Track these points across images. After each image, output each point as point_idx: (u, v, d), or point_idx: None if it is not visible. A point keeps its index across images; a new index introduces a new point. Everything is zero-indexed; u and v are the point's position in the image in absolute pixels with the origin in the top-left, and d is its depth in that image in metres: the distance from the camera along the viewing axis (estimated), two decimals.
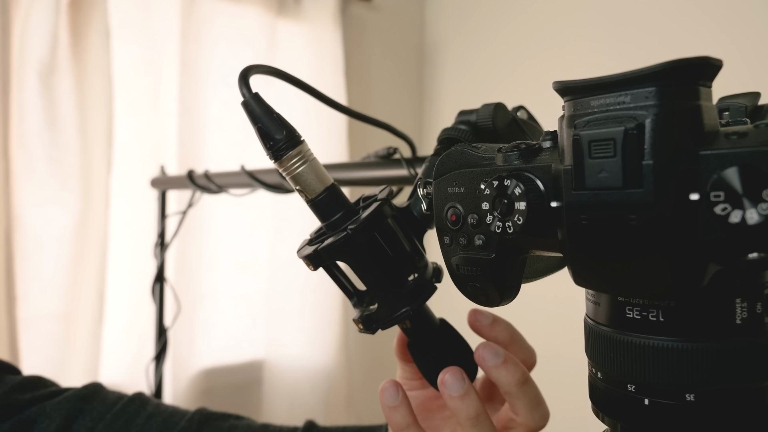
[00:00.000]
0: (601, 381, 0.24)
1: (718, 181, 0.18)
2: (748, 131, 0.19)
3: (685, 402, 0.21)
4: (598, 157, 0.20)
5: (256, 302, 1.51)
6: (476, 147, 0.27)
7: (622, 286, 0.21)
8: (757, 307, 0.21)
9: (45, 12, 1.13)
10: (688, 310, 0.21)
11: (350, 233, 0.31)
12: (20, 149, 1.13)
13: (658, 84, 0.19)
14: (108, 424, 0.45)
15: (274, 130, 0.31)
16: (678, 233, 0.19)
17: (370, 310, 0.33)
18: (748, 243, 0.18)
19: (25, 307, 1.14)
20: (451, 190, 0.27)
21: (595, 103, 0.20)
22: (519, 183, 0.23)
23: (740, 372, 0.21)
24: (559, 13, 1.47)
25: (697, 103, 0.19)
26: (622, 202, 0.19)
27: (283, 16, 1.49)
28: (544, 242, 0.24)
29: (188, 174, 0.81)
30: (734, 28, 1.11)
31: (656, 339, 0.22)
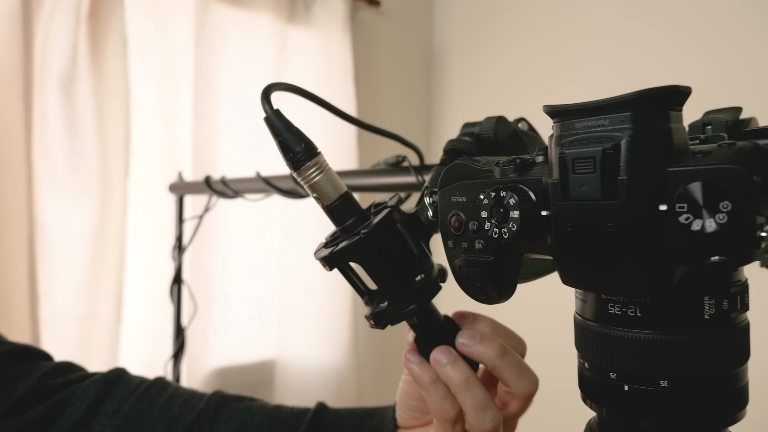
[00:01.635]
0: (588, 370, 0.27)
1: (682, 193, 0.21)
2: (711, 150, 0.22)
3: (660, 388, 0.24)
4: (581, 173, 0.23)
5: (268, 303, 1.55)
6: (477, 161, 0.30)
7: (603, 286, 0.24)
8: (724, 303, 0.24)
9: (65, 23, 1.17)
10: (661, 307, 0.24)
11: (363, 237, 0.34)
12: (42, 155, 1.17)
13: (632, 109, 0.22)
14: (132, 405, 0.49)
15: (294, 143, 0.35)
16: (649, 239, 0.22)
17: (381, 308, 0.36)
18: (708, 248, 0.21)
19: (47, 308, 1.18)
20: (455, 199, 0.30)
21: (578, 125, 0.23)
22: (513, 194, 0.26)
23: (708, 361, 0.24)
24: (567, 19, 1.49)
25: (668, 126, 0.22)
26: (601, 212, 0.22)
27: (294, 23, 1.52)
28: (536, 246, 0.27)
29: (205, 180, 0.84)
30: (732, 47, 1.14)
31: (634, 332, 0.24)
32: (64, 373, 0.51)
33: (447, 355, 0.35)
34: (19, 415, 0.47)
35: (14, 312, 1.11)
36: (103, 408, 0.49)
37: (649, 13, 1.29)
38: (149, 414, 0.49)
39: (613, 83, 1.37)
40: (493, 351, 0.34)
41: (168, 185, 1.11)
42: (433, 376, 0.36)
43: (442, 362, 0.35)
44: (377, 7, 1.68)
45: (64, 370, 0.52)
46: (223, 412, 0.49)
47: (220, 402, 0.50)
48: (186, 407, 0.50)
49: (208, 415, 0.49)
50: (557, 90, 1.50)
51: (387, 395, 1.78)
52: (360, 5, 1.65)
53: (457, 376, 0.34)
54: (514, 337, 0.39)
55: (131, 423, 0.49)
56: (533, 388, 0.36)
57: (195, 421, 0.49)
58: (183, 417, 0.49)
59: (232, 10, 1.43)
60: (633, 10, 1.33)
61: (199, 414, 0.49)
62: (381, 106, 1.77)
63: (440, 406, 0.35)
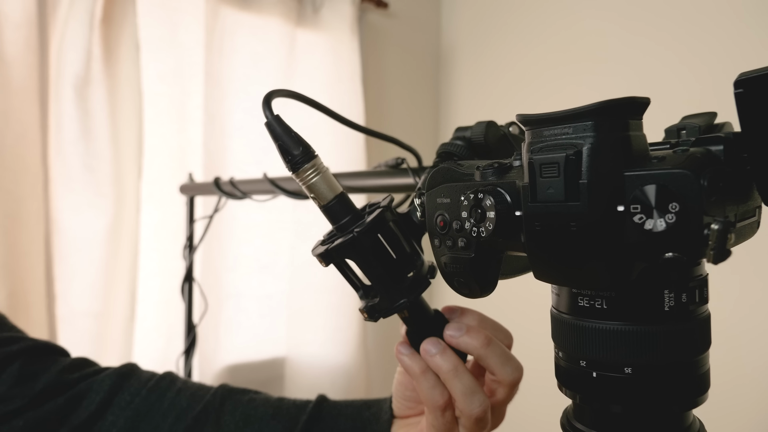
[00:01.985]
0: (562, 359, 0.29)
1: (636, 195, 0.23)
2: (666, 156, 0.24)
3: (625, 374, 0.26)
4: (547, 177, 0.25)
5: (278, 302, 1.58)
6: (461, 164, 0.33)
7: (570, 280, 0.26)
8: (683, 297, 0.26)
9: (80, 29, 1.21)
10: (625, 299, 0.26)
11: (356, 235, 0.36)
12: (57, 157, 1.21)
13: (593, 119, 0.24)
14: (144, 397, 0.52)
15: (292, 146, 0.37)
16: (609, 237, 0.24)
17: (374, 302, 0.38)
18: (660, 246, 0.23)
19: (63, 306, 1.22)
20: (440, 200, 0.32)
21: (546, 133, 0.25)
22: (490, 196, 0.28)
23: (669, 350, 0.26)
24: (572, 21, 1.51)
25: (627, 134, 0.24)
26: (565, 212, 0.24)
27: (303, 25, 1.55)
28: (513, 244, 0.29)
29: (215, 181, 0.87)
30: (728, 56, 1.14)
31: (601, 323, 0.27)
32: (81, 368, 0.55)
33: (436, 346, 0.37)
34: (40, 407, 0.50)
35: (32, 309, 1.15)
36: (117, 400, 0.52)
37: (653, 17, 1.30)
38: (159, 405, 0.52)
39: (617, 85, 1.38)
40: (479, 341, 0.37)
41: (179, 186, 1.14)
42: (423, 366, 0.38)
43: (431, 352, 0.37)
44: (385, 9, 1.71)
45: (81, 365, 0.55)
46: (228, 404, 0.52)
47: (226, 394, 0.53)
48: (194, 399, 0.52)
49: (214, 407, 0.52)
50: (562, 91, 1.51)
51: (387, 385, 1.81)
52: (368, 7, 1.67)
53: (445, 365, 0.37)
54: (500, 329, 0.41)
55: (142, 414, 0.52)
56: (518, 376, 0.38)
57: (203, 412, 0.51)
58: (191, 408, 0.52)
59: (242, 14, 1.46)
60: (637, 14, 1.34)
61: (206, 405, 0.52)
62: (389, 108, 1.79)
63: (430, 395, 0.37)
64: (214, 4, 1.37)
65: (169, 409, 0.52)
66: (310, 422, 0.50)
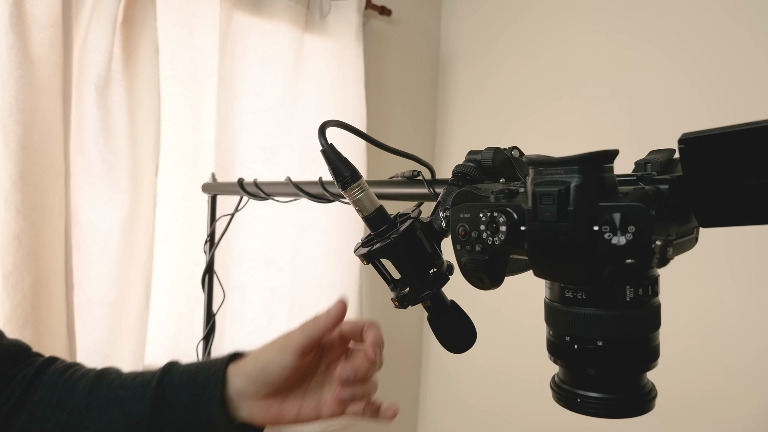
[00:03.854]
0: (552, 336, 0.40)
1: (606, 219, 0.34)
2: (629, 192, 0.35)
3: (597, 346, 0.37)
4: (545, 204, 0.35)
5: (281, 295, 1.68)
6: (478, 188, 0.43)
7: (560, 277, 0.37)
8: (639, 291, 0.37)
9: (102, 31, 1.29)
10: (598, 292, 0.37)
11: (392, 241, 0.47)
12: (78, 154, 1.30)
13: (579, 164, 0.35)
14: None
15: (343, 169, 0.47)
16: (586, 247, 0.35)
17: (403, 293, 0.49)
18: (622, 254, 0.34)
19: (80, 295, 1.31)
20: (462, 215, 0.43)
21: (545, 172, 0.36)
22: (502, 215, 0.39)
23: (629, 328, 0.37)
24: (569, 33, 1.62)
25: (602, 175, 0.35)
26: (557, 230, 0.35)
27: (310, 31, 1.65)
28: (518, 250, 0.40)
29: (239, 181, 0.97)
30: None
31: (581, 309, 0.37)
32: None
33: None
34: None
35: (53, 297, 1.24)
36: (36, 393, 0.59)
37: (645, 31, 1.42)
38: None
39: (610, 95, 1.49)
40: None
41: (201, 185, 1.24)
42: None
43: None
44: (388, 16, 1.81)
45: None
46: (95, 392, 0.59)
47: (96, 380, 0.59)
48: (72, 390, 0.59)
49: (85, 394, 0.58)
50: (556, 100, 1.63)
51: (386, 382, 1.92)
52: (372, 14, 1.77)
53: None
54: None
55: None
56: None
57: (75, 403, 0.58)
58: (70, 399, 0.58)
59: (253, 19, 1.55)
60: (630, 28, 1.45)
61: (78, 395, 0.58)
62: (390, 110, 1.90)
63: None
64: (228, 9, 1.46)
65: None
66: (157, 401, 0.56)
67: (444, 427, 2.00)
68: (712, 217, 0.35)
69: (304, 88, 1.64)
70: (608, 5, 1.51)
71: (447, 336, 0.50)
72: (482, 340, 0.55)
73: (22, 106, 1.16)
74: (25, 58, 1.17)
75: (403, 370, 2.02)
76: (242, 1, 1.52)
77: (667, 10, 1.38)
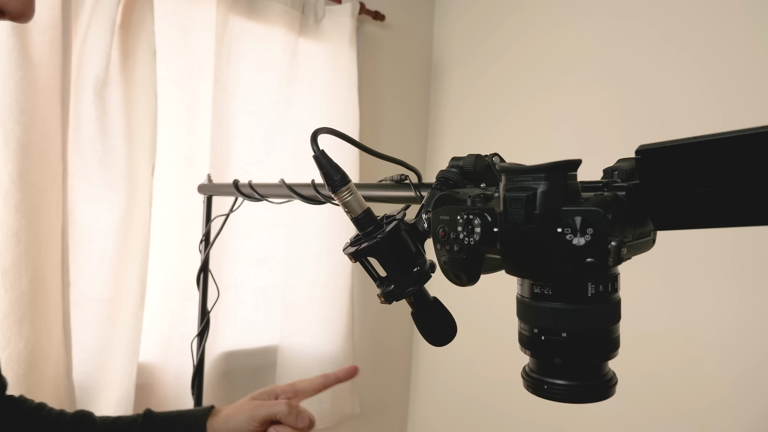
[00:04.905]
0: (522, 329, 0.44)
1: (568, 222, 0.38)
2: (589, 197, 0.39)
3: (562, 337, 0.41)
4: (514, 208, 0.39)
5: (273, 294, 1.71)
6: (457, 192, 0.47)
7: (529, 275, 0.41)
8: (600, 287, 0.41)
9: (100, 34, 1.32)
10: (563, 288, 0.41)
11: (379, 240, 0.51)
12: (76, 154, 1.33)
13: (545, 173, 0.39)
14: None
15: (333, 174, 0.51)
16: (551, 248, 0.39)
17: (389, 289, 0.53)
18: (582, 254, 0.38)
19: (76, 292, 1.34)
20: (442, 217, 0.47)
21: (515, 179, 0.40)
22: (477, 217, 0.43)
23: (590, 321, 0.41)
24: (558, 36, 1.66)
25: (565, 183, 0.39)
26: (525, 231, 0.39)
27: (305, 35, 1.69)
28: (492, 250, 0.43)
29: (234, 183, 1.01)
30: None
31: (548, 303, 0.41)
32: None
33: None
34: None
35: (50, 294, 1.27)
36: None
37: (633, 38, 1.47)
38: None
39: (598, 101, 1.54)
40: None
41: (197, 186, 1.28)
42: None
43: None
44: (382, 21, 1.85)
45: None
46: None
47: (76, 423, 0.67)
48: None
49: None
50: (543, 103, 1.67)
51: (378, 379, 1.96)
52: (365, 19, 1.81)
53: None
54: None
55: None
56: None
57: None
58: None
59: (249, 23, 1.59)
60: (621, 33, 1.50)
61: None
62: (383, 113, 1.94)
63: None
64: (224, 13, 1.50)
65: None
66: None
67: (433, 424, 2.04)
68: (665, 221, 0.39)
69: (298, 91, 1.67)
70: (596, 13, 1.55)
71: (429, 330, 0.54)
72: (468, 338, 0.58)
73: (22, 106, 1.19)
74: (25, 59, 1.20)
75: (393, 368, 2.06)
76: (238, 5, 1.56)
77: (654, 18, 1.42)
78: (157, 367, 1.47)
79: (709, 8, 1.31)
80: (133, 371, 1.34)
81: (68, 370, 1.31)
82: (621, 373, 0.46)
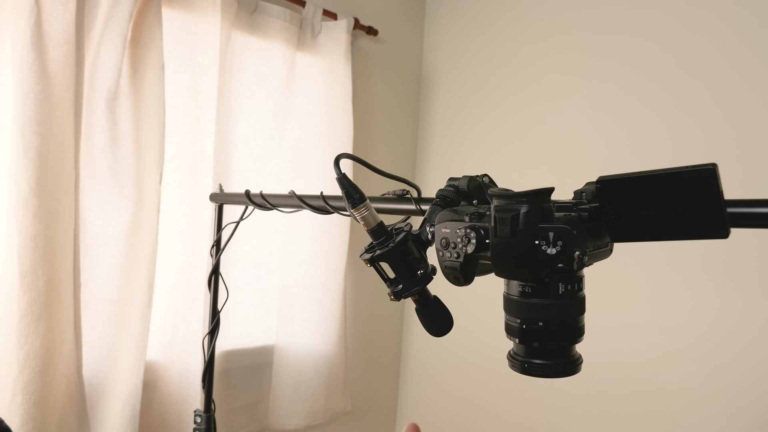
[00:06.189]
0: (508, 320, 0.56)
1: (544, 236, 0.50)
2: (560, 217, 0.52)
3: (538, 326, 0.54)
4: (502, 225, 0.52)
5: (270, 296, 1.82)
6: (456, 210, 0.59)
7: (513, 276, 0.54)
8: (568, 287, 0.53)
9: (112, 49, 1.42)
10: (540, 287, 0.53)
11: (390, 248, 0.63)
12: (87, 162, 1.43)
13: (526, 198, 0.51)
14: None
15: (353, 192, 0.63)
16: (531, 256, 0.51)
17: (398, 288, 0.65)
18: (554, 261, 0.50)
19: (86, 293, 1.44)
20: (444, 230, 0.59)
21: (503, 201, 0.52)
22: (473, 231, 0.55)
23: (561, 313, 0.53)
24: (540, 55, 1.80)
25: (541, 206, 0.52)
26: (510, 243, 0.51)
27: (302, 49, 1.80)
28: (484, 257, 0.56)
29: (246, 192, 1.12)
30: None
31: (528, 299, 0.54)
32: None
33: None
34: None
35: (63, 295, 1.36)
36: None
37: (611, 59, 1.61)
38: None
39: (578, 116, 1.68)
40: None
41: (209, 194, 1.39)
42: None
43: None
44: (375, 36, 1.97)
45: None
46: None
47: None
48: None
49: None
50: (529, 118, 1.81)
51: (369, 378, 2.08)
52: (360, 34, 1.93)
53: None
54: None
55: None
56: None
57: None
58: None
59: (250, 38, 1.70)
60: (597, 56, 1.64)
61: None
62: (375, 124, 2.06)
63: None
64: (227, 29, 1.61)
65: None
66: None
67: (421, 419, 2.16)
68: (618, 235, 0.52)
69: (295, 103, 1.79)
70: (575, 38, 1.69)
71: (430, 322, 0.66)
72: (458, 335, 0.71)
73: (41, 118, 1.29)
74: (43, 74, 1.30)
75: (383, 367, 2.18)
76: (240, 22, 1.67)
77: (633, 42, 1.57)
78: (161, 365, 1.57)
79: (685, 38, 1.46)
80: (141, 369, 1.44)
81: (78, 367, 1.41)
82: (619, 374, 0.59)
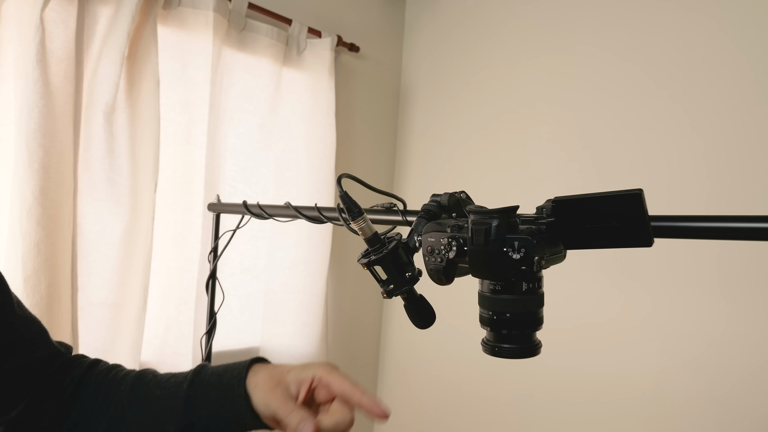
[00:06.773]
0: (482, 312, 0.70)
1: (510, 244, 0.64)
2: (524, 229, 0.65)
3: (506, 317, 0.67)
4: (477, 235, 0.65)
5: (256, 300, 1.93)
6: (440, 223, 0.73)
7: (486, 276, 0.67)
8: (531, 285, 0.67)
9: (110, 65, 1.52)
10: (508, 285, 0.67)
11: (384, 254, 0.75)
12: (85, 172, 1.52)
13: (497, 214, 0.65)
14: None
15: (353, 207, 0.76)
16: (500, 260, 0.65)
17: (389, 288, 0.77)
18: (518, 264, 0.64)
19: (83, 297, 1.53)
20: (429, 239, 0.72)
21: (478, 216, 0.66)
22: (454, 240, 0.68)
23: (524, 306, 0.67)
24: (516, 69, 1.96)
25: (509, 220, 0.65)
26: (483, 251, 0.65)
27: (288, 65, 1.92)
28: (463, 261, 0.69)
29: (243, 203, 1.23)
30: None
31: (498, 295, 0.67)
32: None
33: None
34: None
35: (63, 299, 1.45)
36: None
37: (583, 72, 1.77)
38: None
39: (551, 128, 1.83)
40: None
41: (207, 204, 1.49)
42: None
43: None
44: (357, 52, 2.10)
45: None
46: (135, 391, 0.72)
47: (135, 381, 0.74)
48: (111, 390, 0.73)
49: (126, 393, 0.71)
50: (504, 132, 1.96)
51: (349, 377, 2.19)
52: (342, 50, 2.06)
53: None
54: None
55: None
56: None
57: (118, 401, 0.71)
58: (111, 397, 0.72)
59: (239, 54, 1.81)
60: (568, 69, 1.80)
61: (119, 394, 0.71)
62: (356, 136, 2.19)
63: None
64: (218, 46, 1.72)
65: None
66: (189, 399, 0.68)
67: (399, 416, 2.29)
68: (570, 244, 0.66)
69: (281, 116, 1.91)
70: (546, 54, 1.85)
71: (416, 317, 0.79)
72: (438, 330, 0.84)
73: (44, 131, 1.38)
74: (46, 89, 1.39)
75: (362, 367, 2.30)
76: (230, 39, 1.78)
77: (603, 56, 1.73)
78: (154, 365, 1.67)
79: (655, 54, 1.63)
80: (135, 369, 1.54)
81: None
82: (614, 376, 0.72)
